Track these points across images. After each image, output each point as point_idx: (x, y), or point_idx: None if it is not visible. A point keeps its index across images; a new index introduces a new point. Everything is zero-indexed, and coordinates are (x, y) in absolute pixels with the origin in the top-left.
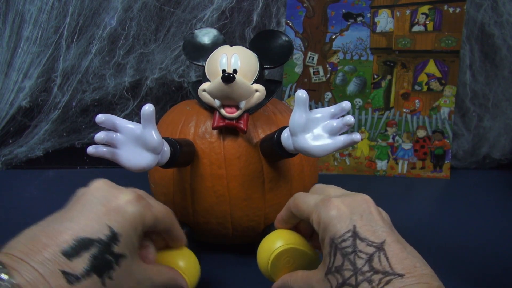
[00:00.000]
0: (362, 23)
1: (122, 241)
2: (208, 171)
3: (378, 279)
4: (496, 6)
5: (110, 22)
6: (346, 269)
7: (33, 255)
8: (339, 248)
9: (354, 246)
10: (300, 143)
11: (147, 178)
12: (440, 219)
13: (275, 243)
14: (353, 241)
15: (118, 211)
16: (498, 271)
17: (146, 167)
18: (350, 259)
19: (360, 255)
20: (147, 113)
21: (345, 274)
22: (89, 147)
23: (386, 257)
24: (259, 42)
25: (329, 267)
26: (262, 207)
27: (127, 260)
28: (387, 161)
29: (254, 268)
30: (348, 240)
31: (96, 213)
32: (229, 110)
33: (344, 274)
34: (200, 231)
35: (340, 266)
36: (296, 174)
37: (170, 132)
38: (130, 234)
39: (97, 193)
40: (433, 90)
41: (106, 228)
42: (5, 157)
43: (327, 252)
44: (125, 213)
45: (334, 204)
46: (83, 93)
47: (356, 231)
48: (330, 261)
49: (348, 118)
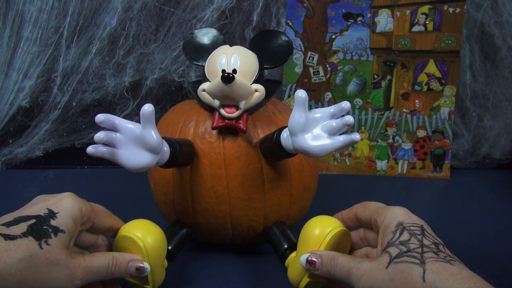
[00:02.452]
0: (362, 23)
1: (59, 217)
2: (208, 171)
3: (444, 256)
4: (496, 6)
5: (110, 22)
6: (412, 243)
7: None
8: (407, 228)
9: (422, 231)
10: (299, 143)
11: (146, 179)
12: (440, 219)
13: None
14: (422, 230)
15: (55, 202)
16: (498, 271)
17: (146, 166)
18: (418, 238)
19: (428, 238)
20: (147, 113)
21: (411, 246)
22: (88, 147)
23: (450, 251)
24: (258, 42)
25: (392, 241)
26: (262, 207)
27: (65, 235)
28: (387, 161)
29: (254, 268)
30: (417, 229)
31: (37, 205)
32: (228, 110)
33: (409, 246)
34: (200, 231)
35: (406, 240)
36: (296, 174)
37: (170, 132)
38: (66, 215)
39: (40, 196)
40: (433, 90)
41: (45, 209)
42: (5, 157)
43: (390, 231)
44: (61, 201)
45: (399, 207)
46: (83, 93)
47: (424, 228)
48: (393, 237)
49: (347, 118)
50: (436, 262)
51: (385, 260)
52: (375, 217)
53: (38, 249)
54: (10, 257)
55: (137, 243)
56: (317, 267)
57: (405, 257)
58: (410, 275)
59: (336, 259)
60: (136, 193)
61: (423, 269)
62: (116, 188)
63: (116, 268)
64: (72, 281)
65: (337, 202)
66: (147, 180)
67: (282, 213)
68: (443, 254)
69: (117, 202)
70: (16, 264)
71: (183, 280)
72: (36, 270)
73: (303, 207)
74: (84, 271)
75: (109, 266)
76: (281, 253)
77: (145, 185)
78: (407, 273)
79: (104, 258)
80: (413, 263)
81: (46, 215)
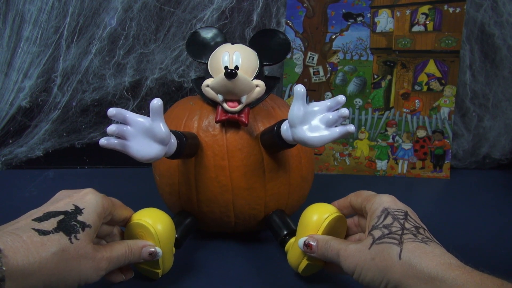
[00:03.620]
0: (362, 23)
1: (85, 213)
2: (212, 162)
3: (421, 237)
4: (496, 6)
5: (110, 22)
6: (394, 226)
7: (7, 227)
8: (391, 213)
9: (405, 216)
10: (298, 134)
11: (146, 178)
12: (440, 219)
13: (328, 209)
14: (405, 215)
15: (80, 198)
16: (498, 270)
17: (155, 157)
18: (400, 222)
19: (410, 222)
20: (156, 107)
21: (393, 229)
22: (101, 139)
23: (430, 234)
24: (258, 40)
25: (376, 225)
26: (263, 196)
27: (91, 229)
28: (387, 161)
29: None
30: (401, 214)
31: (63, 200)
32: (231, 104)
33: (391, 228)
34: (204, 220)
35: (389, 224)
36: (295, 165)
37: (174, 126)
38: (91, 211)
39: (63, 192)
40: (433, 90)
41: (71, 205)
42: (5, 157)
43: (376, 216)
44: (85, 197)
45: (387, 195)
46: (83, 93)
47: (408, 213)
48: (378, 221)
49: (343, 110)
50: (413, 242)
51: (368, 242)
52: (365, 204)
53: (68, 244)
54: (45, 251)
55: (149, 229)
56: (314, 250)
57: (386, 239)
58: (388, 254)
59: (329, 242)
60: (136, 193)
61: (400, 248)
62: (116, 188)
63: (132, 255)
64: (97, 272)
65: None
66: (147, 179)
67: (281, 201)
68: (421, 236)
69: None
70: (51, 258)
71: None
72: (67, 263)
73: (301, 197)
74: (107, 261)
75: (126, 254)
76: (281, 238)
77: (145, 185)
78: (386, 252)
79: (121, 247)
80: (392, 244)
81: (73, 211)
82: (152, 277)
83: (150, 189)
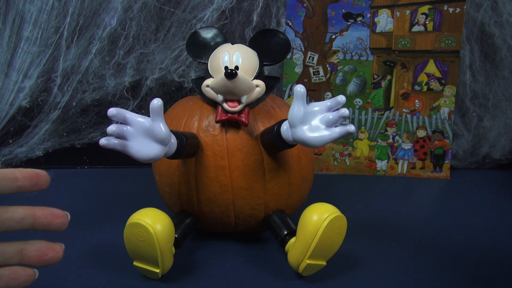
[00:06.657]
0: (362, 23)
1: None
2: (212, 162)
3: None
4: (496, 6)
5: (110, 22)
6: None
7: None
8: None
9: None
10: (298, 134)
11: (146, 178)
12: (440, 219)
13: (328, 209)
14: None
15: None
16: (498, 270)
17: (155, 157)
18: None
19: None
20: (156, 107)
21: None
22: (101, 139)
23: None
24: (258, 41)
25: None
26: (263, 196)
27: None
28: (387, 161)
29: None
30: None
31: None
32: (231, 104)
33: None
34: (204, 220)
35: None
36: (294, 165)
37: (174, 126)
38: None
39: None
40: (433, 90)
41: None
42: (5, 157)
43: None
44: None
45: None
46: (83, 93)
47: None
48: None
49: (343, 110)
50: None
51: None
52: None
53: None
54: None
55: (148, 229)
56: None
57: None
58: None
59: None
60: (136, 193)
61: None
62: (116, 188)
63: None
64: None
65: (337, 202)
66: (147, 179)
67: (281, 202)
68: None
69: (118, 202)
70: None
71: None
72: None
73: (301, 197)
74: None
75: None
76: (281, 239)
77: (145, 185)
78: None
79: None
80: None
81: None
82: (151, 277)
83: (150, 189)
